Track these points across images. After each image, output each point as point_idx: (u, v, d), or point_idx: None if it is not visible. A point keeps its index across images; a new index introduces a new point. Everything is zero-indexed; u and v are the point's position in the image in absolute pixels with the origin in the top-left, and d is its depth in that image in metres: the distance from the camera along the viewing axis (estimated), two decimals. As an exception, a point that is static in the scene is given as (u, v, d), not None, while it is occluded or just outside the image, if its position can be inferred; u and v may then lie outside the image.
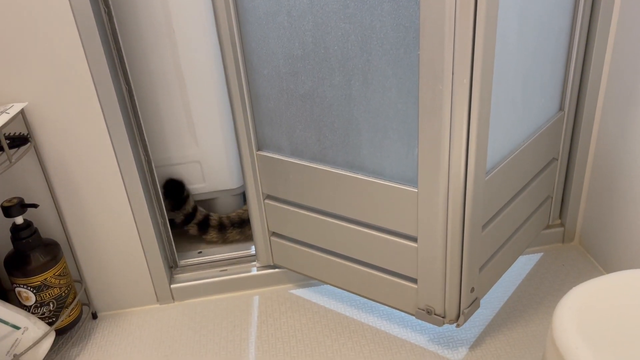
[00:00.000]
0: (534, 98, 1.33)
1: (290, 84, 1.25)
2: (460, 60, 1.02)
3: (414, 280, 1.31)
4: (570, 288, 1.46)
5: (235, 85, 1.32)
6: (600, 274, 1.56)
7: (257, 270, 1.61)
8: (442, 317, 1.30)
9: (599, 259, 1.60)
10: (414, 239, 1.25)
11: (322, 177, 1.32)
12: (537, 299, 1.50)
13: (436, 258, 1.24)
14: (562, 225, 1.68)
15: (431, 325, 1.45)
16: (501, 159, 1.26)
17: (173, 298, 1.61)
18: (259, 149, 1.40)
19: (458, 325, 1.31)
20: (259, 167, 1.41)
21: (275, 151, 1.38)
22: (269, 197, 1.47)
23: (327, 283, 1.49)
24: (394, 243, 1.29)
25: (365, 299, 1.55)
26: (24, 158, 1.36)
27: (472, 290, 1.30)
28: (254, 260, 1.64)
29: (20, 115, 1.30)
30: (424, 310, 1.32)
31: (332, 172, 1.29)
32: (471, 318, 1.47)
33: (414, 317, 1.48)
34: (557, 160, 1.55)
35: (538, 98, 1.35)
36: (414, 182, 1.19)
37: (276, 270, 1.61)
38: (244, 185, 1.49)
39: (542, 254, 1.66)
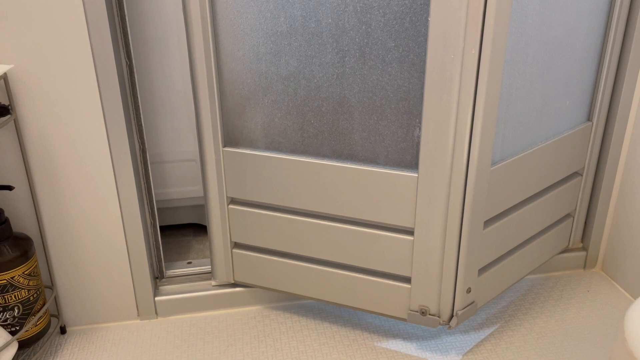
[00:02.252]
0: (556, 98, 1.26)
1: (270, 66, 1.15)
2: (471, 26, 0.99)
3: (407, 280, 1.23)
4: (600, 314, 1.35)
5: (203, 71, 1.17)
6: (630, 301, 1.45)
7: (214, 290, 1.43)
8: (438, 317, 1.23)
9: (626, 287, 1.48)
10: (410, 232, 1.18)
11: (303, 171, 1.21)
12: (565, 324, 1.37)
13: (434, 250, 1.17)
14: (584, 249, 1.57)
15: (422, 339, 1.30)
16: (512, 153, 1.20)
17: (156, 313, 1.41)
18: (225, 145, 1.26)
19: (450, 327, 1.22)
20: (225, 165, 1.26)
21: (247, 146, 1.24)
22: (233, 201, 1.31)
23: (303, 297, 1.35)
24: (387, 239, 1.20)
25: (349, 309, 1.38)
26: (0, 132, 1.17)
27: (469, 290, 1.22)
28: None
29: (2, 80, 1.13)
30: (417, 311, 1.24)
31: (316, 163, 1.19)
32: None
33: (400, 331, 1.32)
34: (582, 176, 1.45)
35: (561, 99, 1.28)
36: (413, 167, 1.14)
37: (276, 285, 1.44)
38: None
39: (563, 278, 1.54)
